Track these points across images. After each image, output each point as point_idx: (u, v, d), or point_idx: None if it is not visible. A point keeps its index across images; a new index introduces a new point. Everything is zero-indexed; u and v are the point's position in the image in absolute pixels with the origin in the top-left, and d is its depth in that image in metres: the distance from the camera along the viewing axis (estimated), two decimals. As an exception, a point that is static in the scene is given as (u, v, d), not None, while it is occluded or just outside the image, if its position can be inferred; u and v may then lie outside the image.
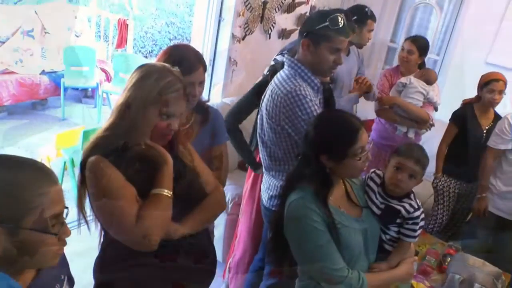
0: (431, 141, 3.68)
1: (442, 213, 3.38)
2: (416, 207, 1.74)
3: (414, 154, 1.72)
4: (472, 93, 3.24)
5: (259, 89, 2.45)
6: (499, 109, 3.24)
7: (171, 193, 1.46)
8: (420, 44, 3.25)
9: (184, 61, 1.76)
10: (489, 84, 3.10)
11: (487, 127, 3.20)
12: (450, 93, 4.25)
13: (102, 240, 1.60)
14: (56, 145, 4.08)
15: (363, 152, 1.57)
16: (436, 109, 3.32)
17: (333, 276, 1.55)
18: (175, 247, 1.52)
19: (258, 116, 2.17)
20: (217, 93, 3.77)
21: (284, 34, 4.04)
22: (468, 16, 4.34)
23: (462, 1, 4.40)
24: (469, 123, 3.21)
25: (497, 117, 3.21)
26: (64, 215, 1.11)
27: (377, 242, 1.76)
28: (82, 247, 1.83)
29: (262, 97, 2.16)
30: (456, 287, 2.33)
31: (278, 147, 2.08)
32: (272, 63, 2.65)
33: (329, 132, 1.59)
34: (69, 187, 3.76)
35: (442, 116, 3.38)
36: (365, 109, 3.70)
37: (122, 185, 1.41)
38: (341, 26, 1.93)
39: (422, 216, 1.76)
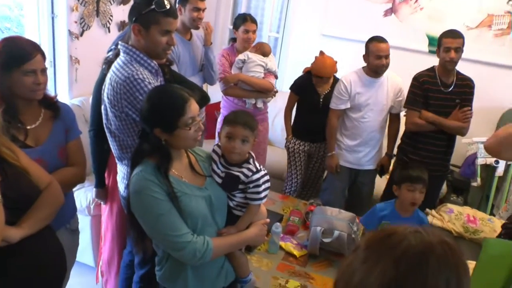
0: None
1: (296, 173, 3.62)
2: (255, 170, 1.78)
3: (241, 119, 1.76)
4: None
5: (101, 86, 2.40)
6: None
7: (0, 196, 1.38)
8: (256, 22, 3.41)
9: (19, 50, 1.77)
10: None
11: (324, 93, 3.46)
12: (293, 65, 4.53)
13: None
14: None
15: (193, 122, 1.62)
16: (276, 77, 3.53)
17: (177, 243, 1.58)
18: (17, 251, 1.44)
19: (102, 107, 2.11)
20: (64, 95, 3.56)
21: (123, 26, 3.93)
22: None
23: (292, -19, 4.70)
24: (307, 90, 3.48)
25: (336, 82, 3.43)
26: None
27: (224, 209, 1.81)
28: None
29: (103, 87, 2.11)
30: (319, 238, 2.49)
31: (126, 135, 2.05)
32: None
33: (158, 106, 1.60)
34: None
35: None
36: (211, 92, 3.78)
37: None
38: (167, 8, 1.95)
39: (266, 178, 1.81)
